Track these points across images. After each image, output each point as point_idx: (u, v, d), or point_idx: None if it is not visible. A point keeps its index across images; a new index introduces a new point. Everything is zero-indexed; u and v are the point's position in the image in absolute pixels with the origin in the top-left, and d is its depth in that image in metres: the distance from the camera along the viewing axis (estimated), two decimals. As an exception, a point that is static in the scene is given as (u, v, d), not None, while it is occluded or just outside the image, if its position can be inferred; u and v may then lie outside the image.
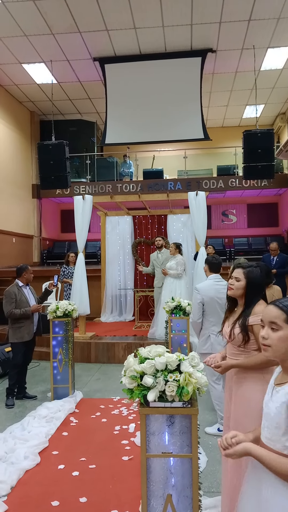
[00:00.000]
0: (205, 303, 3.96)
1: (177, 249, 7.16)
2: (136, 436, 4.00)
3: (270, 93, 11.99)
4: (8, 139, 11.57)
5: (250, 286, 2.56)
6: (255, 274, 2.58)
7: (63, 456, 3.67)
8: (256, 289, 2.56)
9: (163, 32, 8.95)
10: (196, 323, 4.03)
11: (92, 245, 12.98)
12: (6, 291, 5.15)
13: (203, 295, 3.90)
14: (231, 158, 12.66)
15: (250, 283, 2.56)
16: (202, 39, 9.26)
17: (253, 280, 2.56)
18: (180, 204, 10.75)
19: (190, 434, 1.96)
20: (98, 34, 8.92)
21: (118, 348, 7.07)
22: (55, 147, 8.14)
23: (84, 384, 5.87)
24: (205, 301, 3.94)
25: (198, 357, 2.06)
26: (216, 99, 12.47)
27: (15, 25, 8.43)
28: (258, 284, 2.57)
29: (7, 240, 11.20)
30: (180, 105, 10.31)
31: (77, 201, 7.46)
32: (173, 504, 1.96)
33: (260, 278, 2.58)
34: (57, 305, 5.16)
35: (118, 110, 10.52)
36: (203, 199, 7.51)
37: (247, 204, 14.84)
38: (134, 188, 11.67)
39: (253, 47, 9.32)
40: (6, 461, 3.50)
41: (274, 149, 8.30)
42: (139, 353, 2.05)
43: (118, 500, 2.96)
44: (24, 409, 4.90)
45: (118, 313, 9.48)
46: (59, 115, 13.28)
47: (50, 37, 8.95)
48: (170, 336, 5.59)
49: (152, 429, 1.98)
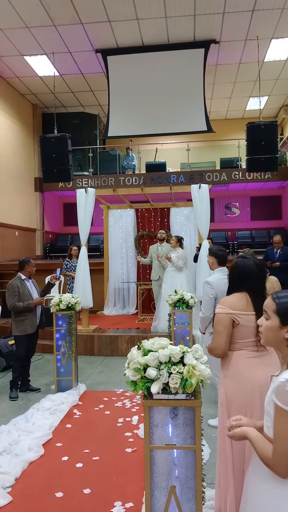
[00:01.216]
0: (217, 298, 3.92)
1: (178, 242, 7.14)
2: (139, 428, 4.01)
3: (274, 85, 11.89)
4: (10, 132, 11.54)
5: (230, 274, 2.54)
6: (235, 263, 2.51)
7: (67, 448, 3.68)
8: (233, 278, 2.50)
9: (166, 23, 8.86)
10: (208, 318, 3.99)
11: (95, 238, 12.97)
12: (9, 284, 5.16)
13: (216, 289, 3.85)
14: (234, 151, 12.58)
15: (230, 272, 2.54)
16: (205, 30, 9.17)
17: (231, 268, 2.51)
18: (183, 197, 10.72)
19: (193, 426, 1.96)
20: (100, 25, 8.84)
21: (121, 341, 7.08)
22: (57, 140, 8.10)
23: (88, 376, 5.89)
24: (218, 295, 3.90)
25: (201, 349, 2.06)
26: (219, 91, 12.37)
27: (17, 17, 8.36)
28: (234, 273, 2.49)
29: (10, 234, 11.20)
30: (183, 97, 10.23)
31: (79, 194, 7.44)
32: (177, 496, 1.96)
33: (242, 268, 2.47)
34: (60, 298, 5.17)
35: (121, 103, 10.46)
36: (206, 192, 7.48)
37: (250, 197, 14.77)
38: (136, 181, 11.63)
39: (256, 38, 9.21)
40: (10, 452, 3.52)
41: (277, 142, 8.25)
42: (142, 346, 2.05)
43: (121, 491, 2.97)
44: (27, 402, 4.93)
45: (121, 306, 9.49)
46: (62, 107, 13.22)
47: (52, 29, 8.88)
48: (173, 329, 5.59)
49: (156, 421, 1.98)
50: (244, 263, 2.48)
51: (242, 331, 2.35)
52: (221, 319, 2.37)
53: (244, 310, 2.36)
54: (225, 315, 2.36)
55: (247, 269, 2.45)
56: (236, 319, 2.35)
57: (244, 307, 2.37)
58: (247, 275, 2.44)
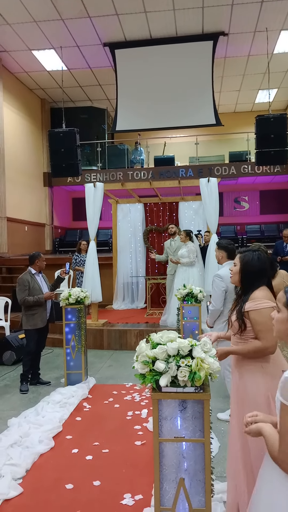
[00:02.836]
0: (228, 291, 3.92)
1: (187, 237, 7.11)
2: (148, 421, 4.03)
3: (283, 77, 11.74)
4: (19, 127, 11.57)
5: (244, 270, 2.43)
6: (250, 257, 2.44)
7: (77, 441, 3.71)
8: (252, 274, 2.41)
9: (174, 16, 8.80)
10: (218, 311, 3.99)
11: (104, 233, 12.99)
12: (19, 279, 5.19)
13: (227, 282, 3.85)
14: (244, 144, 12.49)
15: (244, 266, 2.44)
16: (214, 22, 9.08)
17: (248, 263, 2.43)
18: (192, 191, 10.67)
19: (202, 419, 1.96)
20: (108, 18, 8.80)
21: (130, 335, 7.11)
22: (66, 134, 8.11)
23: (97, 370, 5.93)
24: (228, 288, 3.90)
25: (210, 342, 2.06)
26: (228, 84, 12.26)
27: (25, 11, 8.36)
28: (253, 267, 2.42)
29: (20, 229, 11.26)
30: (191, 90, 10.16)
31: (88, 189, 7.44)
32: (186, 488, 1.97)
33: (258, 262, 2.42)
34: (69, 292, 5.19)
35: (129, 96, 10.42)
36: (215, 185, 7.43)
37: (259, 191, 14.66)
38: (145, 176, 11.60)
39: (266, 30, 9.10)
40: (21, 445, 3.56)
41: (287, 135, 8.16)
42: (151, 339, 2.05)
43: (131, 484, 3.00)
44: (38, 395, 4.97)
45: (130, 300, 9.50)
46: (70, 102, 13.21)
47: (60, 23, 8.86)
48: (182, 323, 5.59)
49: (165, 414, 1.98)
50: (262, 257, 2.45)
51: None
52: (270, 314, 2.30)
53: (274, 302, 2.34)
54: (272, 308, 2.22)
55: (266, 263, 2.44)
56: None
57: (273, 300, 2.33)
58: (266, 269, 2.44)
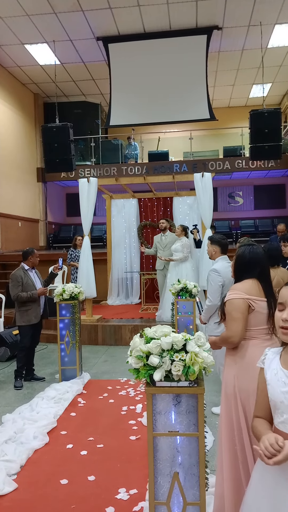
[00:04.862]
0: (225, 285, 3.92)
1: (183, 231, 7.12)
2: (143, 416, 4.03)
3: (277, 71, 11.73)
4: (12, 122, 11.48)
5: (236, 263, 2.53)
6: (242, 251, 2.51)
7: (72, 436, 3.71)
8: (242, 266, 2.49)
9: (168, 9, 8.74)
10: (215, 306, 3.98)
11: (98, 228, 12.96)
12: (12, 275, 5.16)
13: (223, 277, 3.86)
14: (238, 139, 12.47)
15: (236, 259, 2.53)
16: (208, 16, 9.03)
17: (239, 256, 2.51)
18: (186, 186, 10.67)
19: (196, 414, 1.96)
20: (101, 12, 8.73)
21: (125, 330, 7.11)
22: (59, 129, 8.05)
23: (92, 366, 5.92)
24: (225, 283, 3.90)
25: (204, 337, 2.05)
26: (222, 78, 12.23)
27: (17, 5, 8.27)
28: (242, 260, 2.49)
29: (13, 224, 11.20)
30: (185, 85, 10.13)
31: (82, 184, 7.41)
32: (180, 482, 1.97)
33: (249, 255, 2.48)
34: (63, 288, 5.17)
35: (123, 91, 10.36)
36: (209, 180, 7.43)
37: (254, 186, 14.69)
38: (139, 171, 11.56)
39: (260, 24, 9.07)
40: (15, 441, 3.55)
41: (281, 129, 8.15)
42: (145, 333, 2.04)
43: (125, 478, 3.00)
44: (32, 391, 4.96)
45: (125, 296, 9.50)
46: (63, 97, 13.12)
47: (53, 17, 8.78)
48: (177, 318, 5.60)
49: (159, 408, 1.98)
50: (254, 250, 2.50)
51: (256, 317, 2.35)
52: (238, 305, 2.35)
53: (258, 296, 2.37)
54: (242, 300, 2.34)
55: (258, 256, 2.48)
56: (252, 304, 2.34)
57: (257, 293, 2.38)
58: (257, 262, 2.47)
